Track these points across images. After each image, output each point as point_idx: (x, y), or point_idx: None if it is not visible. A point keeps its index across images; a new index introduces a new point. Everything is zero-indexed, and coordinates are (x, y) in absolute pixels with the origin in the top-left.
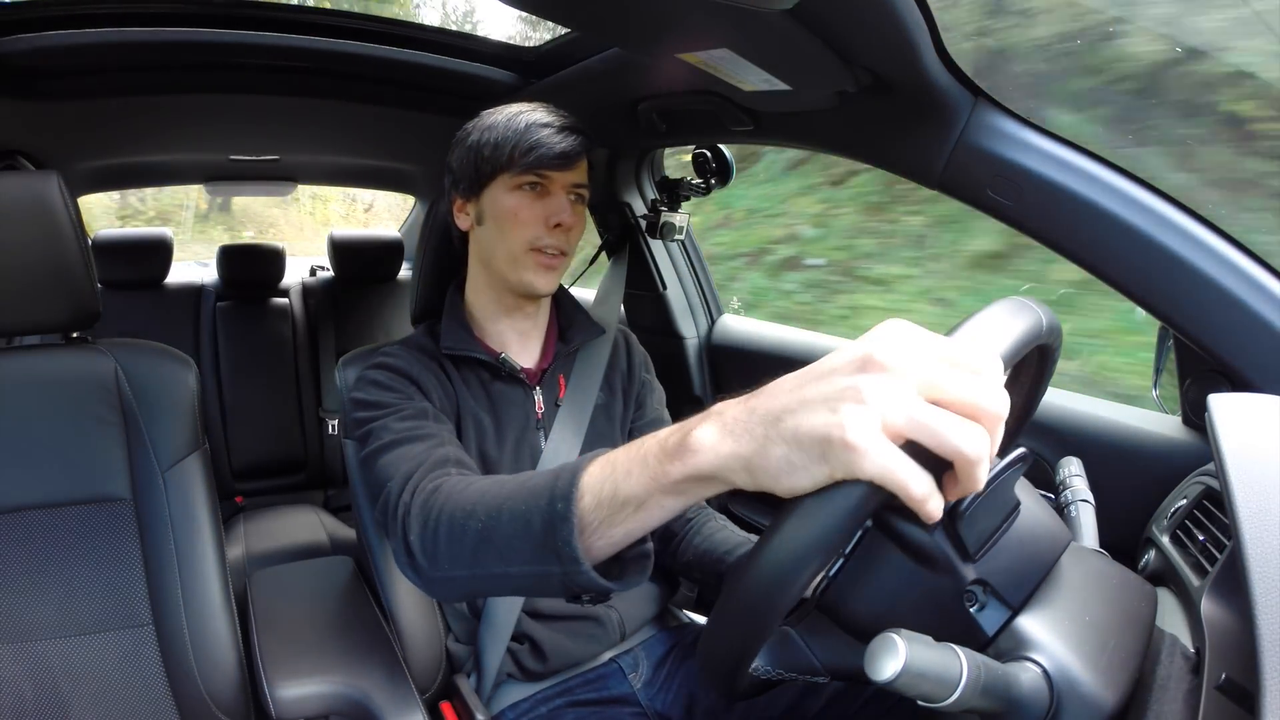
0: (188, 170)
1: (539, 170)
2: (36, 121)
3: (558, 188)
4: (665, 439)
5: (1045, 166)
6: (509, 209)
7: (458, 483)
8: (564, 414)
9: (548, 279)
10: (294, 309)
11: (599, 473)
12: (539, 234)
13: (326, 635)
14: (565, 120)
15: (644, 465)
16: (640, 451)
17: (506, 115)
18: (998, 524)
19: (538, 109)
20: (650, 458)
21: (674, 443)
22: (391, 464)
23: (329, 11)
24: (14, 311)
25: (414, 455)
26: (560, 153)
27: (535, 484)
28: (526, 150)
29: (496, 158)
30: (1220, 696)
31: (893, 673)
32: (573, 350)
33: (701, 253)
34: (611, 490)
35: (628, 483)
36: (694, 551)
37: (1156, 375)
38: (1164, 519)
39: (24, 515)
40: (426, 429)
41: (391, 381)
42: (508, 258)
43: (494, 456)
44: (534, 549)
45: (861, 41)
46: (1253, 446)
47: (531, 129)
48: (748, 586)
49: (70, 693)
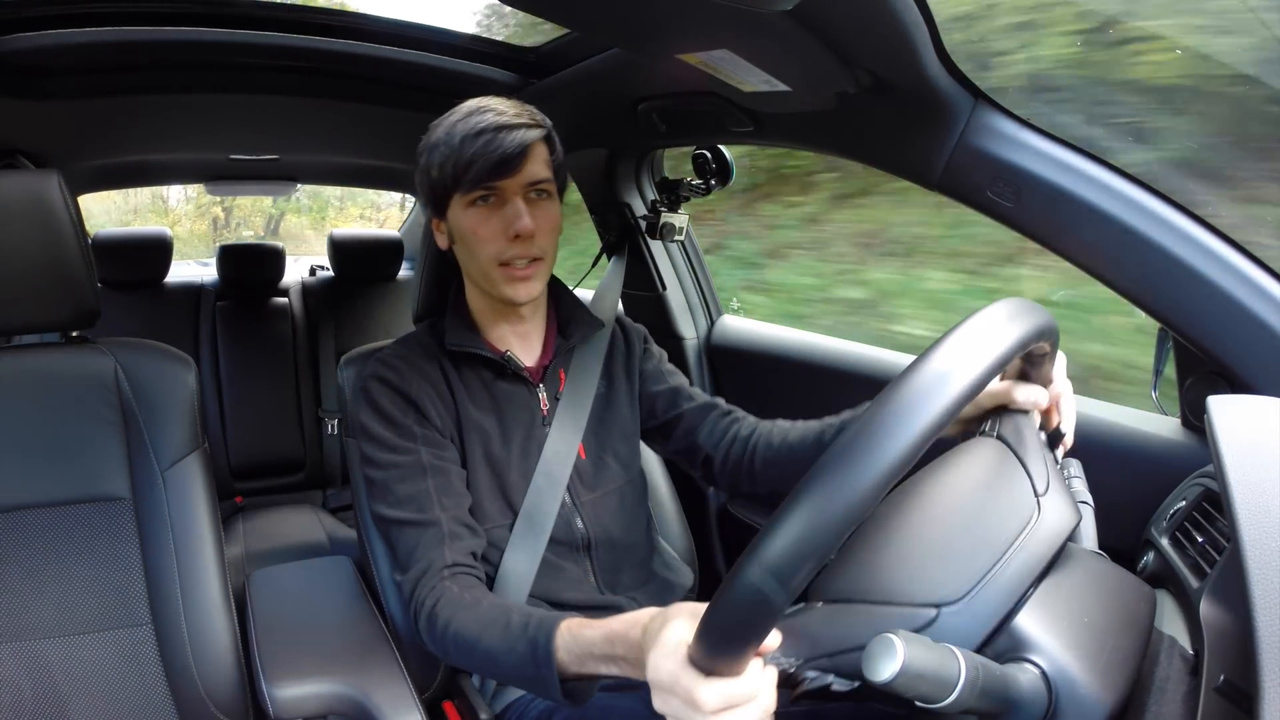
0: (188, 169)
1: (485, 185)
2: (36, 121)
3: (511, 194)
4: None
5: (1045, 168)
6: (468, 229)
7: (459, 605)
8: (563, 408)
9: (525, 289)
10: (294, 309)
11: (563, 645)
12: (501, 249)
13: (325, 635)
14: (502, 118)
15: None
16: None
17: (445, 128)
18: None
19: (475, 112)
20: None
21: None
22: (402, 549)
23: (329, 11)
24: (14, 310)
25: (423, 551)
26: (499, 160)
27: (520, 652)
28: (465, 167)
29: (443, 180)
30: (1218, 698)
31: (891, 673)
32: (572, 345)
33: (701, 253)
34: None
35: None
36: (767, 455)
37: (1156, 377)
38: (1163, 521)
39: (23, 514)
40: (427, 498)
41: (393, 410)
42: (481, 275)
43: (501, 458)
44: (525, 681)
45: (861, 42)
46: (1252, 448)
47: (466, 142)
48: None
49: (69, 692)
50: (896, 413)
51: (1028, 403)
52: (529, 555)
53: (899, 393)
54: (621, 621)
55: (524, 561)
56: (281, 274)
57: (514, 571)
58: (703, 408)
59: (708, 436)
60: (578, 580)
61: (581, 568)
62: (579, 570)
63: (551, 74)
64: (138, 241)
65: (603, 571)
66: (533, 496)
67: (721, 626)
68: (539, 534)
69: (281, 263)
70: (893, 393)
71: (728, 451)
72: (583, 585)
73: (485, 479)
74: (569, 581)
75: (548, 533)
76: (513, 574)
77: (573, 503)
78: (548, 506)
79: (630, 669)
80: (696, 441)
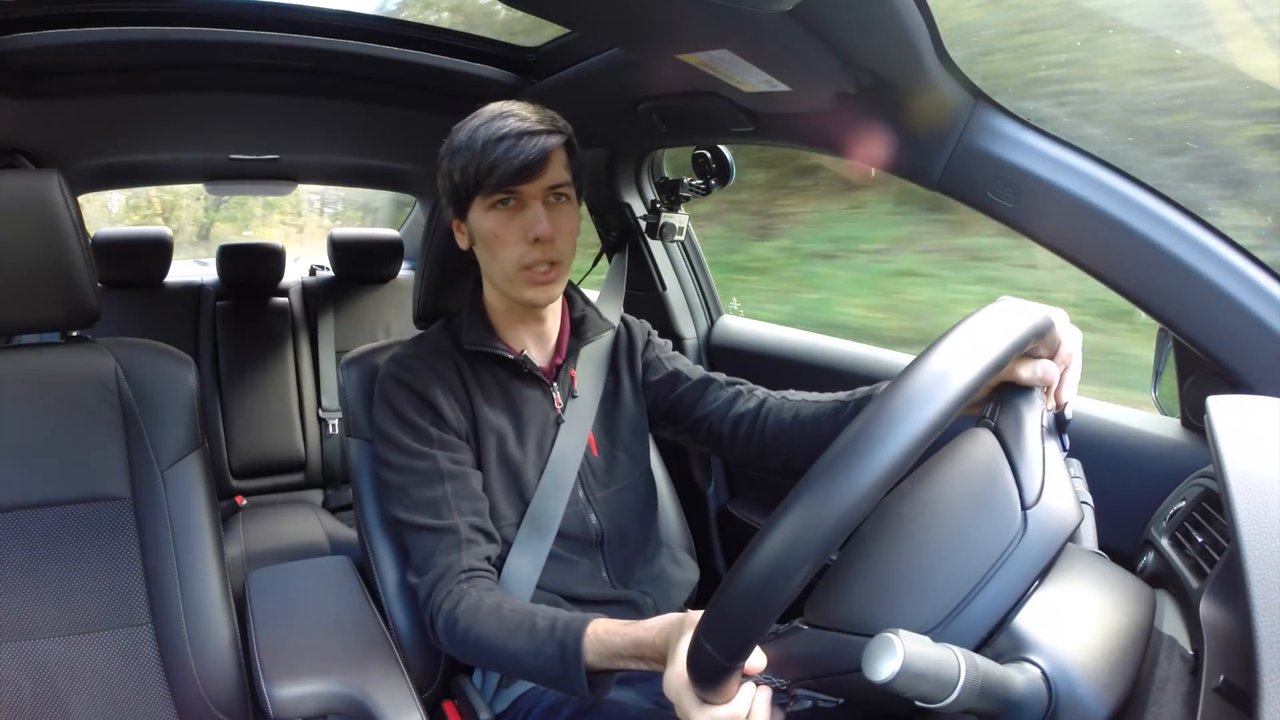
0: (188, 169)
1: (506, 189)
2: (37, 120)
3: (531, 198)
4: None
5: (1045, 168)
6: (489, 231)
7: (481, 608)
8: (574, 406)
9: (545, 292)
10: (294, 308)
11: (591, 649)
12: (523, 252)
13: (325, 635)
14: (525, 124)
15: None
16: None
17: (468, 132)
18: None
19: (497, 117)
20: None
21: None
22: (417, 553)
23: (329, 11)
24: (14, 310)
25: (440, 556)
26: (520, 166)
27: (548, 654)
28: (488, 172)
29: (465, 183)
30: (1218, 698)
31: (890, 673)
32: (582, 345)
33: (701, 254)
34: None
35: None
36: (779, 429)
37: (1156, 377)
38: (1163, 521)
39: (23, 514)
40: (445, 503)
41: (409, 412)
42: (502, 278)
43: (517, 459)
44: (550, 680)
45: (861, 42)
46: (1252, 449)
47: (489, 147)
48: (739, 586)
49: (69, 691)
50: (868, 449)
51: (1034, 379)
52: (534, 554)
53: (874, 431)
54: (645, 629)
55: (529, 560)
56: (281, 274)
57: (518, 569)
58: (701, 382)
59: (712, 409)
60: (591, 575)
61: (594, 563)
62: (592, 565)
63: (551, 74)
64: (137, 241)
65: (614, 566)
66: (540, 496)
67: (700, 667)
68: (545, 533)
69: (281, 263)
70: (868, 430)
71: (736, 425)
72: (595, 580)
73: (499, 479)
74: (582, 576)
75: (554, 531)
76: (517, 571)
77: (586, 499)
78: (555, 505)
79: (657, 666)
80: (700, 415)
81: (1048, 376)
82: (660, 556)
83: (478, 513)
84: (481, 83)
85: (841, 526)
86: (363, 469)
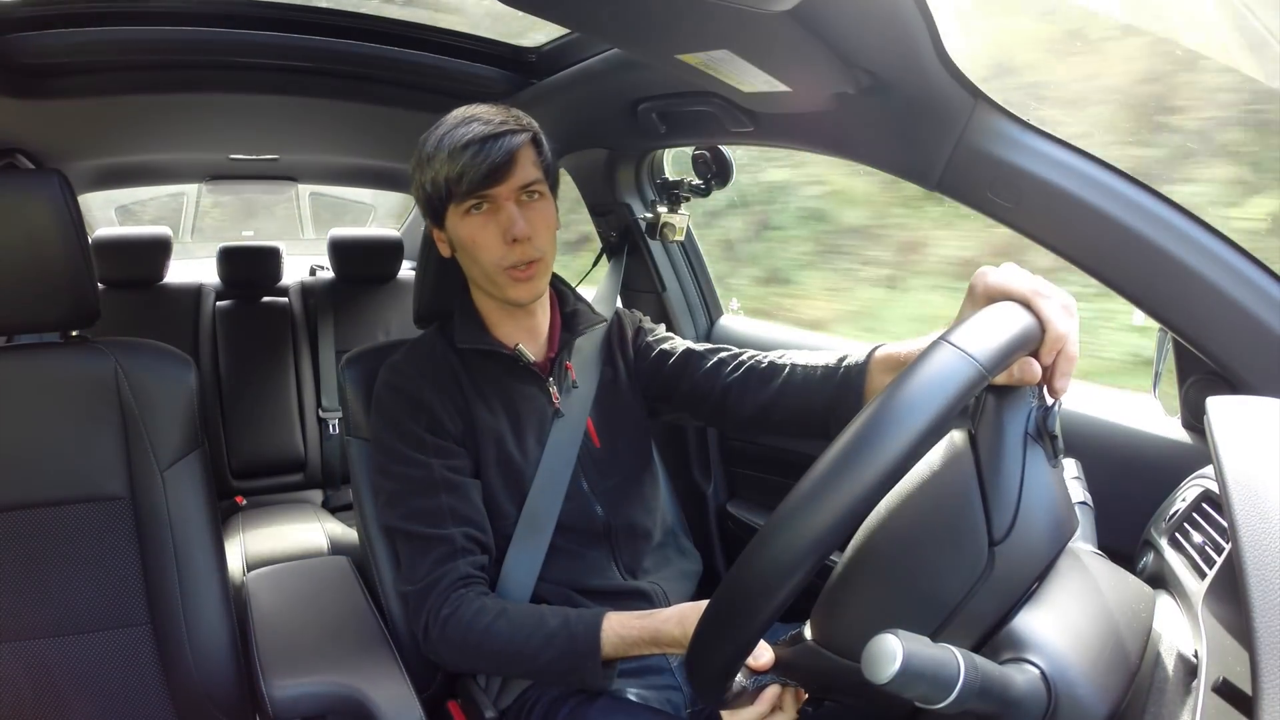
0: (188, 169)
1: (477, 194)
2: (37, 120)
3: (504, 200)
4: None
5: (1045, 169)
6: (467, 237)
7: (485, 611)
8: (571, 398)
9: (529, 289)
10: (293, 309)
11: (607, 642)
12: (503, 254)
13: (324, 635)
14: (488, 127)
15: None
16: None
17: (434, 141)
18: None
19: (461, 123)
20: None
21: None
22: (410, 561)
23: (329, 11)
24: (14, 310)
25: (434, 564)
26: (489, 170)
27: (562, 649)
28: (457, 179)
29: (437, 193)
30: (1218, 699)
31: (890, 674)
32: (575, 339)
33: (701, 254)
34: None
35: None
36: (789, 401)
37: (1156, 377)
38: (1162, 521)
39: (22, 514)
40: (440, 513)
41: (405, 419)
42: (486, 280)
43: (516, 458)
44: (562, 675)
45: (861, 43)
46: (1251, 449)
47: (455, 155)
48: (738, 587)
49: (68, 691)
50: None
51: (1017, 381)
52: (533, 549)
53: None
54: (664, 620)
55: (528, 554)
56: (281, 274)
57: (518, 563)
58: (683, 355)
59: (700, 379)
60: (600, 567)
61: (603, 554)
62: (601, 557)
63: (551, 74)
64: (137, 241)
65: (624, 557)
66: (535, 492)
67: (697, 685)
68: (543, 527)
69: (281, 263)
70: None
71: (725, 392)
72: (606, 571)
73: (499, 478)
74: (591, 568)
75: (551, 525)
76: (517, 566)
77: (590, 490)
78: (551, 499)
79: (677, 651)
80: (687, 389)
81: (1031, 375)
82: (667, 547)
83: (472, 522)
84: (482, 82)
85: (821, 545)
86: (362, 469)
